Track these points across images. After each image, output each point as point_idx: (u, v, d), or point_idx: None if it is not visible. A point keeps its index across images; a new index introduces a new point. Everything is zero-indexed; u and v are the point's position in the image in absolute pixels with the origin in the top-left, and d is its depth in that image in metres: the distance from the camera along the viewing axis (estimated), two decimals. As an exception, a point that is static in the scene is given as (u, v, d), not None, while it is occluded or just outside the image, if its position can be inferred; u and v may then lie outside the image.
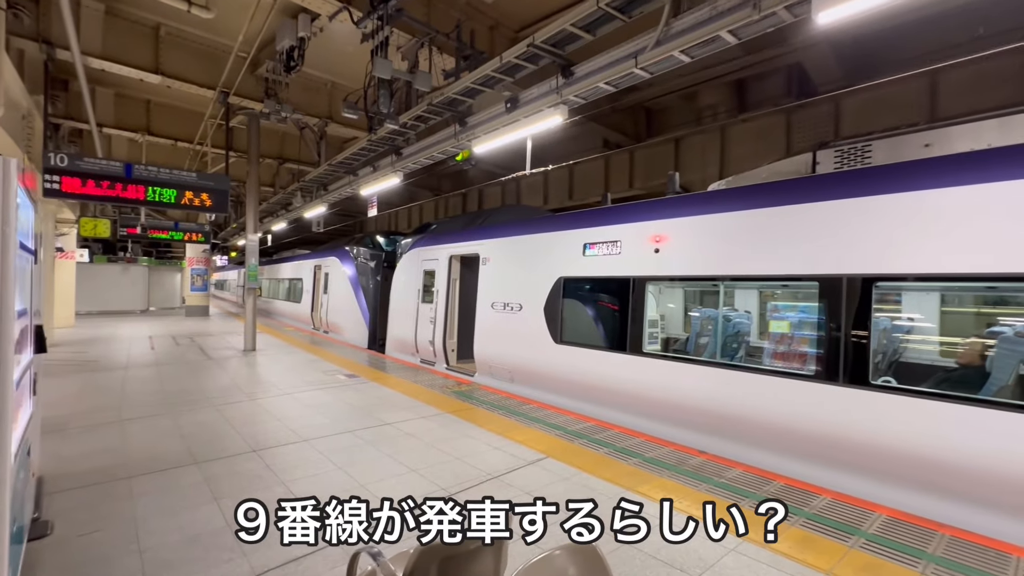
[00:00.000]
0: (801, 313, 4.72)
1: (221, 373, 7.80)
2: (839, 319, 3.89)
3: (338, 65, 8.68)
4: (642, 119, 11.11)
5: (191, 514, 3.15)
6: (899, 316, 4.87)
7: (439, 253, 9.12)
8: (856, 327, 3.79)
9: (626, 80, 4.48)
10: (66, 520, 3.05)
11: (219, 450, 4.33)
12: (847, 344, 3.82)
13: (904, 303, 4.98)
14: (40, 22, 6.80)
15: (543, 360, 6.56)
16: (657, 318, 6.57)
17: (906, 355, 4.83)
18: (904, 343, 4.88)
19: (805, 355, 4.52)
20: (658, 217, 5.43)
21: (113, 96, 10.50)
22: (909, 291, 4.83)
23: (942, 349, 4.83)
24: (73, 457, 4.10)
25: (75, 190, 6.96)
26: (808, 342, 4.54)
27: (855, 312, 3.81)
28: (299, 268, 16.99)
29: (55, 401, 5.81)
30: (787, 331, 4.74)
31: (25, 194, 2.58)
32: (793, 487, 3.69)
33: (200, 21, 7.03)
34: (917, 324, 4.93)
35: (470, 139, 6.51)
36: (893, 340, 4.72)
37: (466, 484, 3.70)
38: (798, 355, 4.58)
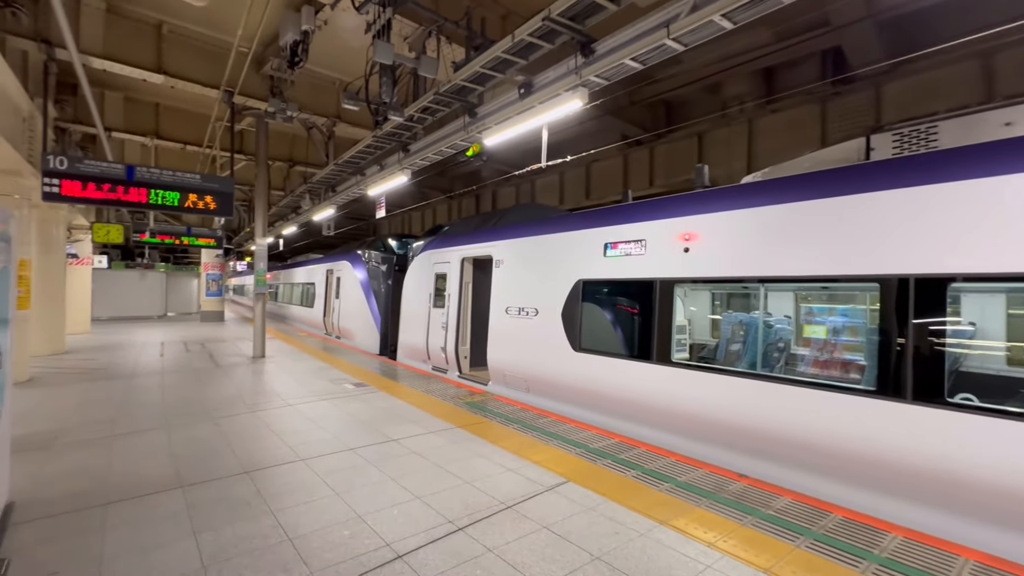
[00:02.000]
0: (856, 319, 4.18)
1: (226, 382, 7.50)
2: (905, 325, 3.35)
3: (345, 62, 8.37)
4: (662, 113, 10.60)
5: (164, 552, 2.77)
6: (977, 322, 4.29)
7: (451, 256, 8.72)
8: (928, 335, 3.25)
9: (655, 55, 4.01)
10: (24, 559, 2.69)
11: (209, 471, 3.96)
12: (917, 354, 3.28)
13: (982, 307, 4.39)
14: (39, 21, 6.60)
15: (561, 369, 6.09)
16: (685, 323, 6.06)
17: (988, 368, 4.25)
18: (984, 354, 4.30)
19: (861, 366, 3.98)
20: (688, 213, 4.93)
21: (122, 100, 10.39)
22: (990, 293, 4.26)
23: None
24: (51, 479, 3.77)
25: (75, 193, 6.75)
26: (863, 351, 4.00)
27: (926, 317, 3.26)
28: (311, 272, 16.80)
29: (49, 414, 5.55)
30: (839, 338, 4.20)
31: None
32: (855, 521, 3.16)
33: (200, 16, 6.77)
34: (996, 330, 4.34)
35: (480, 131, 6.08)
36: (970, 350, 4.15)
37: (476, 515, 3.26)
38: (853, 366, 4.05)
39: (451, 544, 2.89)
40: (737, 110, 8.97)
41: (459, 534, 3.01)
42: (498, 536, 2.98)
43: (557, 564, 2.68)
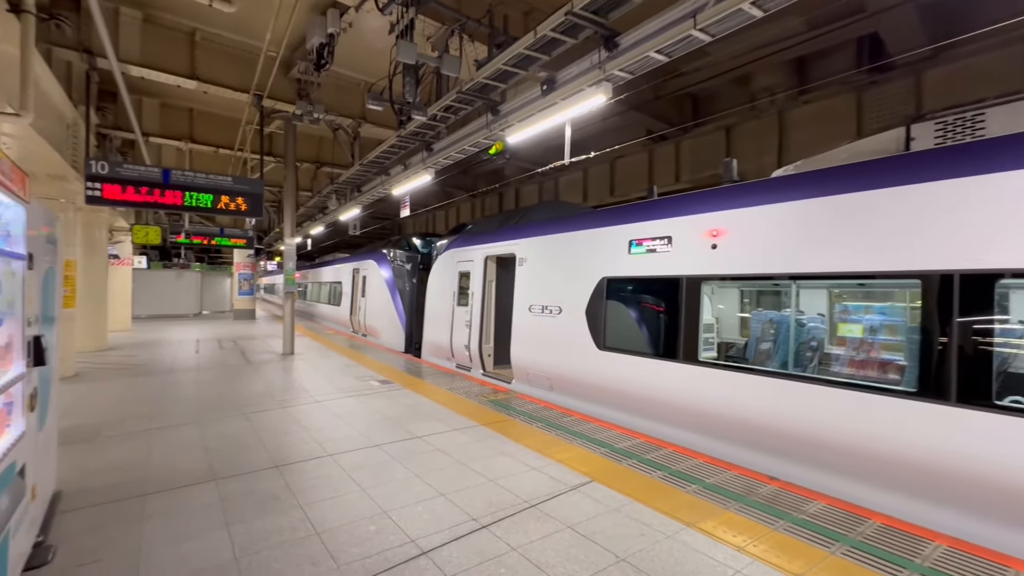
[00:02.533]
0: (895, 317, 4.01)
1: (257, 378, 7.71)
2: (949, 324, 3.18)
3: (369, 63, 8.48)
4: (688, 107, 10.37)
5: (199, 543, 2.86)
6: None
7: (474, 254, 8.75)
8: (974, 334, 3.09)
9: (681, 47, 3.91)
10: (70, 546, 2.82)
11: (241, 465, 4.07)
12: (962, 354, 3.11)
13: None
14: (81, 32, 6.89)
15: (585, 368, 6.04)
16: (713, 322, 5.93)
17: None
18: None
19: (900, 367, 3.81)
20: (715, 208, 4.80)
21: (158, 106, 10.78)
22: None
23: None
24: (95, 470, 3.94)
25: (116, 197, 7.03)
26: (903, 351, 3.83)
27: (972, 315, 3.10)
28: (339, 272, 17.11)
29: (93, 408, 5.80)
30: (876, 337, 4.03)
31: (11, 194, 2.34)
32: (894, 528, 3.03)
33: (230, 22, 6.95)
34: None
35: (503, 128, 6.07)
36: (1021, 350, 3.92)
37: (500, 513, 3.26)
38: (892, 366, 3.87)
39: (475, 542, 2.89)
40: (767, 102, 8.70)
41: (483, 532, 3.01)
42: (522, 535, 2.97)
43: (581, 565, 2.65)
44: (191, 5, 5.86)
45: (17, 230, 2.44)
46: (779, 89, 8.53)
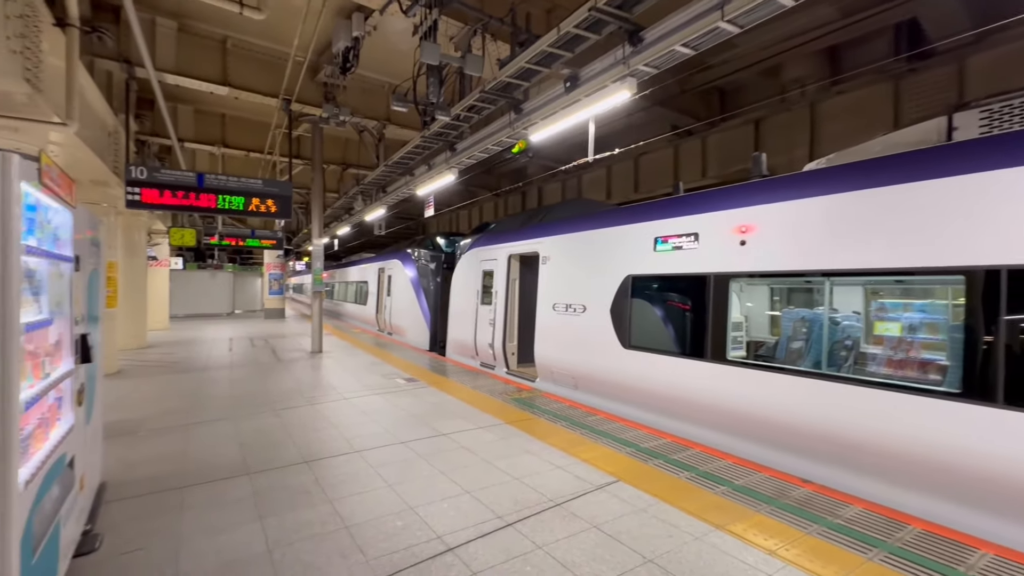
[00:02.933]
0: (935, 314, 3.84)
1: (287, 376, 7.91)
2: (995, 322, 3.03)
3: (393, 65, 8.59)
4: (715, 101, 10.15)
5: (233, 535, 2.95)
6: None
7: (497, 253, 8.77)
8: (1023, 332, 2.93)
9: (708, 39, 3.82)
10: (115, 534, 2.95)
11: (272, 459, 4.19)
12: (1009, 354, 2.96)
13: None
14: (121, 43, 7.19)
15: (610, 366, 5.98)
16: (742, 320, 5.79)
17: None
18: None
19: (942, 366, 3.65)
20: (744, 204, 4.69)
21: (193, 112, 11.16)
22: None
23: None
24: (138, 462, 4.11)
25: (154, 200, 7.31)
26: (945, 350, 3.66)
27: (1021, 313, 2.94)
28: (364, 271, 17.41)
29: (134, 403, 6.06)
30: (915, 336, 3.87)
31: (59, 200, 2.46)
32: (936, 535, 2.90)
33: (259, 29, 7.14)
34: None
35: (526, 127, 6.06)
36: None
37: (525, 511, 3.26)
38: (932, 366, 3.72)
39: (501, 539, 2.90)
40: (798, 94, 8.45)
41: (508, 530, 3.02)
42: (547, 533, 2.97)
43: (608, 565, 2.63)
44: (223, 13, 6.05)
45: (65, 234, 2.56)
46: (810, 80, 8.27)
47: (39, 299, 2.19)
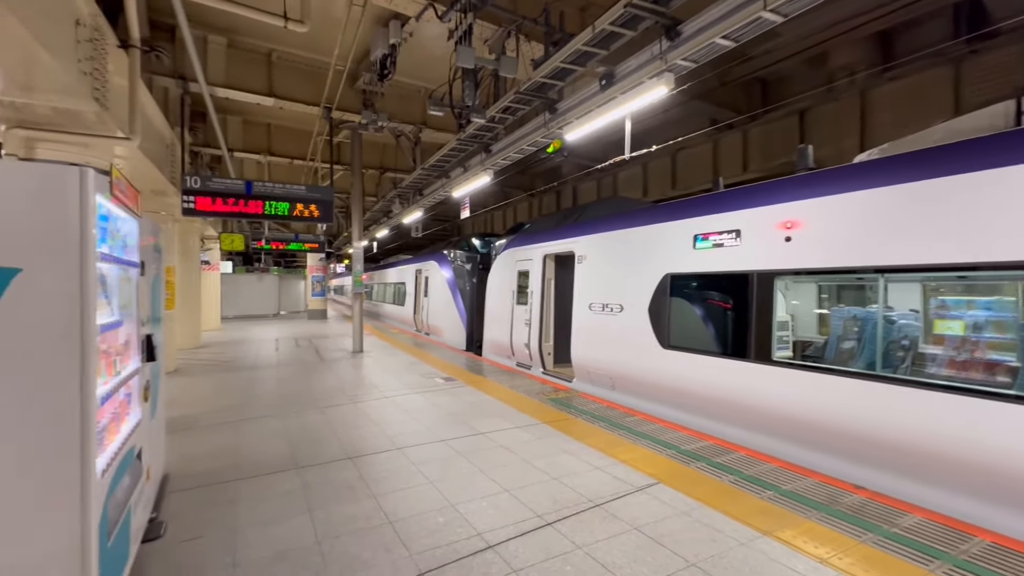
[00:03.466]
0: (1004, 312, 3.58)
1: (330, 375, 8.18)
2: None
3: (428, 70, 8.75)
4: (756, 93, 9.81)
5: (284, 526, 3.09)
6: None
7: (532, 253, 8.78)
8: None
9: (750, 30, 3.70)
10: (177, 522, 3.14)
11: (318, 455, 4.35)
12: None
13: None
14: (176, 60, 7.63)
15: (648, 367, 5.89)
16: (788, 319, 5.58)
17: None
18: None
19: (1012, 368, 3.40)
20: (789, 199, 4.52)
21: (241, 123, 11.70)
22: None
23: None
24: (196, 456, 4.36)
25: (207, 208, 7.73)
26: (1016, 350, 3.42)
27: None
28: (402, 272, 17.78)
29: (191, 400, 6.42)
30: (981, 335, 3.63)
31: (127, 210, 2.64)
32: (1007, 548, 2.71)
33: (301, 41, 7.42)
34: None
35: (561, 126, 6.04)
36: None
37: (565, 511, 3.26)
38: (1001, 368, 3.47)
39: (540, 538, 2.91)
40: (846, 82, 8.05)
41: (548, 529, 3.03)
42: (587, 534, 2.96)
43: (649, 567, 2.60)
44: (268, 28, 6.33)
45: (132, 241, 2.75)
46: (860, 67, 7.86)
47: (111, 302, 2.36)
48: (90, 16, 4.16)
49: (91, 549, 1.90)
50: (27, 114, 4.37)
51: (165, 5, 6.21)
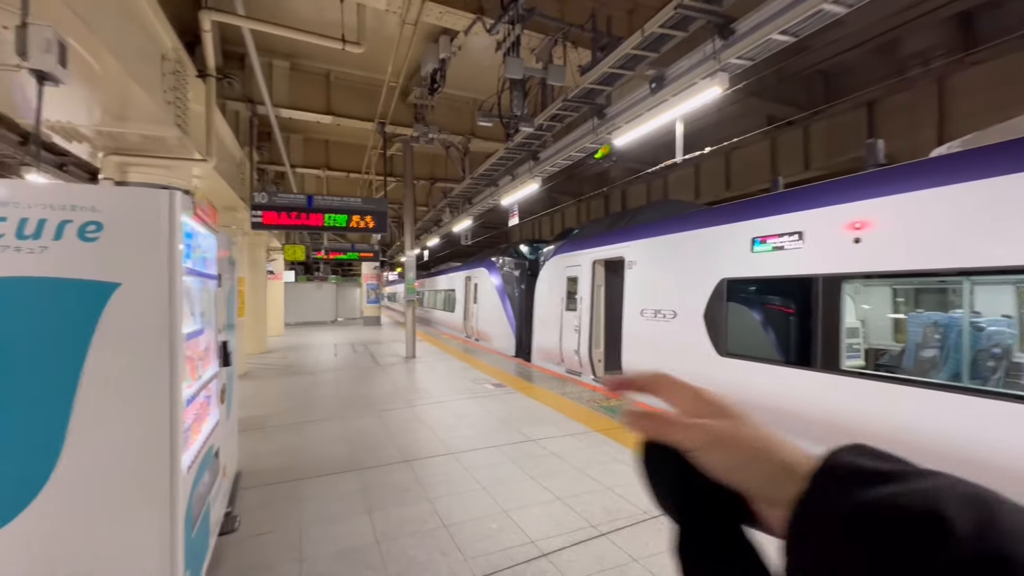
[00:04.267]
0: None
1: (385, 379, 8.47)
2: None
3: (477, 81, 8.92)
4: (818, 86, 9.30)
5: (346, 525, 3.23)
6: None
7: (581, 259, 8.73)
8: None
9: (811, 23, 3.53)
10: (249, 517, 3.35)
11: (376, 457, 4.51)
12: None
13: None
14: (245, 86, 8.22)
15: (704, 375, 5.68)
16: (858, 325, 5.24)
17: None
18: None
19: None
20: (858, 198, 4.25)
21: (302, 140, 12.41)
22: None
23: None
24: (266, 454, 4.64)
25: (273, 221, 8.26)
26: None
27: None
28: (452, 280, 18.15)
29: (260, 402, 6.83)
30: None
31: (207, 226, 2.88)
32: None
33: (357, 60, 7.78)
34: None
35: (610, 131, 5.98)
36: None
37: (619, 522, 3.20)
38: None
39: (594, 548, 2.88)
40: (921, 69, 7.48)
41: (602, 539, 2.99)
42: (642, 546, 2.89)
43: (710, 584, 2.51)
44: (327, 51, 6.69)
45: (211, 255, 2.99)
46: (937, 53, 7.29)
47: (194, 312, 2.58)
48: (173, 50, 4.58)
49: (178, 539, 2.08)
50: (121, 142, 4.85)
51: (235, 35, 6.72)
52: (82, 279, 1.92)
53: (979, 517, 0.23)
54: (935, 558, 0.23)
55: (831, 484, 0.29)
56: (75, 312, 1.91)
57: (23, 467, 1.86)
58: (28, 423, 1.86)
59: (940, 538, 0.23)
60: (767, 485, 0.34)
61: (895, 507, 0.25)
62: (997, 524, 0.23)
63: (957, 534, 0.23)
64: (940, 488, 0.26)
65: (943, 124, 7.56)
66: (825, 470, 0.30)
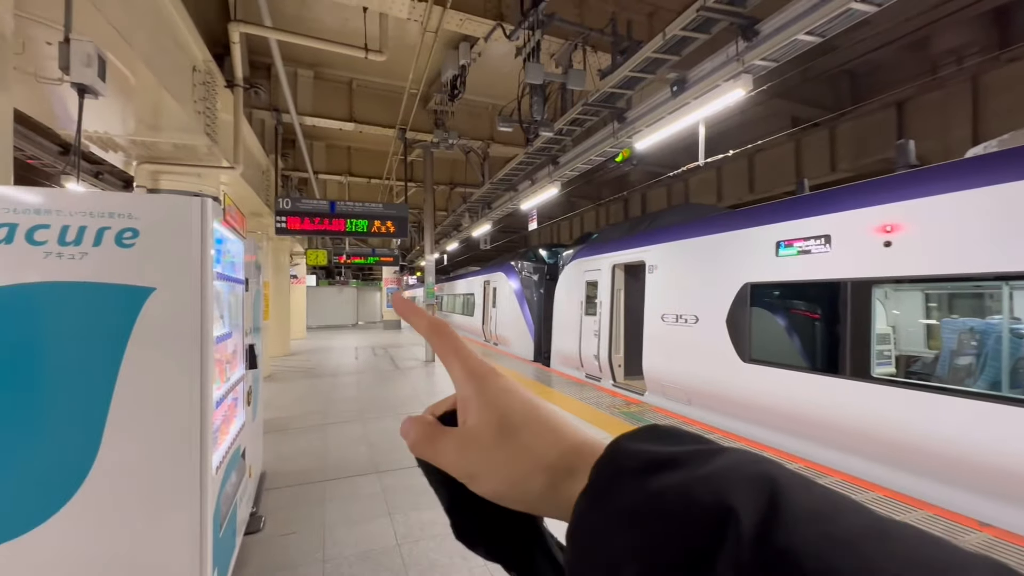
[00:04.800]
0: None
1: (405, 382, 8.54)
2: None
3: (496, 87, 8.99)
4: (844, 85, 9.09)
5: (368, 527, 3.26)
6: None
7: (600, 263, 8.67)
8: None
9: (839, 23, 3.46)
10: (274, 518, 3.42)
11: (396, 460, 4.55)
12: None
13: None
14: (271, 95, 8.43)
15: (728, 382, 5.58)
16: (889, 332, 5.08)
17: None
18: None
19: None
20: (888, 200, 4.13)
21: (325, 147, 12.67)
22: None
23: None
24: (289, 456, 4.72)
25: (296, 227, 8.42)
26: None
27: None
28: (471, 284, 18.22)
29: (283, 403, 6.96)
30: None
31: (235, 232, 2.95)
32: None
33: (378, 68, 7.91)
34: None
35: (630, 135, 5.95)
36: None
37: (641, 530, 3.16)
38: None
39: (616, 557, 2.84)
40: (954, 67, 7.25)
41: (624, 548, 2.95)
42: (666, 556, 2.84)
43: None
44: (350, 59, 6.83)
45: (239, 260, 3.07)
46: (971, 50, 7.06)
47: (223, 316, 2.64)
48: (204, 62, 4.73)
49: (207, 538, 2.13)
50: (154, 151, 5.03)
51: (262, 46, 6.92)
52: (120, 284, 1.99)
53: (765, 503, 0.22)
54: (722, 553, 0.21)
55: (612, 478, 0.26)
56: (113, 316, 1.98)
57: (63, 466, 1.93)
58: (69, 423, 1.93)
59: (727, 534, 0.21)
60: (551, 507, 0.30)
61: (681, 500, 0.23)
62: (782, 509, 0.21)
63: (743, 528, 0.21)
64: (728, 471, 0.24)
65: (977, 124, 7.31)
66: (606, 461, 0.27)
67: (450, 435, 0.34)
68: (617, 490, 0.25)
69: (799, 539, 0.20)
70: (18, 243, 1.88)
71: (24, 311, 1.89)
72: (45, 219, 1.92)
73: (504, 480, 0.31)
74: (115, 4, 2.96)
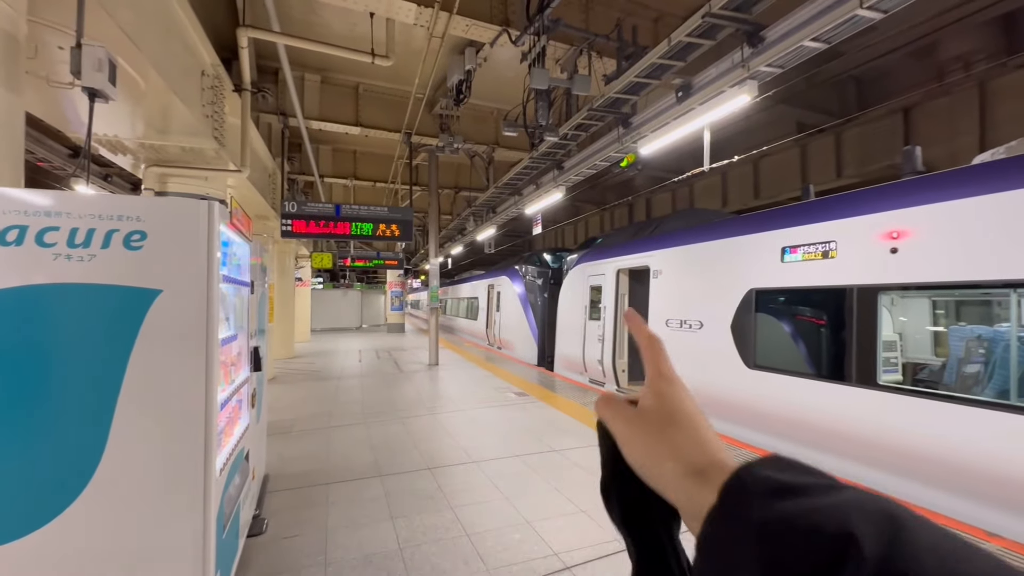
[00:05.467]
0: None
1: (409, 386, 8.54)
2: None
3: (501, 92, 9.02)
4: (851, 91, 9.09)
5: (370, 531, 3.25)
6: None
7: (605, 268, 8.67)
8: None
9: (844, 29, 3.45)
10: (277, 520, 3.42)
11: (399, 464, 4.54)
12: None
13: None
14: (278, 99, 8.50)
15: (732, 388, 5.55)
16: (896, 339, 5.05)
17: None
18: None
19: None
20: (894, 206, 4.12)
21: (331, 151, 12.74)
22: None
23: None
24: (292, 458, 4.72)
25: (302, 230, 8.47)
26: None
27: None
28: (475, 288, 18.24)
29: (287, 406, 6.97)
30: None
31: (241, 235, 2.97)
32: None
33: (385, 72, 7.96)
34: None
35: (635, 140, 5.96)
36: None
37: (644, 537, 3.13)
38: None
39: (620, 563, 2.83)
40: (962, 75, 7.23)
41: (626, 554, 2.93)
42: (669, 563, 2.82)
43: (740, 605, 2.43)
44: (357, 64, 6.87)
45: (245, 263, 3.09)
46: (979, 56, 7.04)
47: (228, 318, 2.66)
48: (212, 66, 4.78)
49: (210, 539, 2.13)
50: (162, 154, 5.07)
51: (270, 51, 6.98)
52: (127, 286, 2.00)
53: (887, 535, 0.23)
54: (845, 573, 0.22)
55: (741, 499, 0.28)
56: (121, 317, 1.99)
57: (69, 467, 1.94)
58: (75, 423, 1.95)
59: (849, 556, 0.22)
60: (675, 492, 0.34)
61: (806, 524, 0.24)
62: (903, 542, 0.23)
63: (865, 553, 0.22)
64: (850, 504, 0.25)
65: (984, 130, 7.28)
66: (736, 483, 0.29)
67: (627, 408, 0.42)
68: (747, 508, 0.27)
69: (920, 569, 0.22)
70: (28, 245, 1.90)
71: (33, 312, 1.90)
72: (55, 221, 1.94)
73: (647, 454, 0.38)
74: (126, 9, 3.00)
